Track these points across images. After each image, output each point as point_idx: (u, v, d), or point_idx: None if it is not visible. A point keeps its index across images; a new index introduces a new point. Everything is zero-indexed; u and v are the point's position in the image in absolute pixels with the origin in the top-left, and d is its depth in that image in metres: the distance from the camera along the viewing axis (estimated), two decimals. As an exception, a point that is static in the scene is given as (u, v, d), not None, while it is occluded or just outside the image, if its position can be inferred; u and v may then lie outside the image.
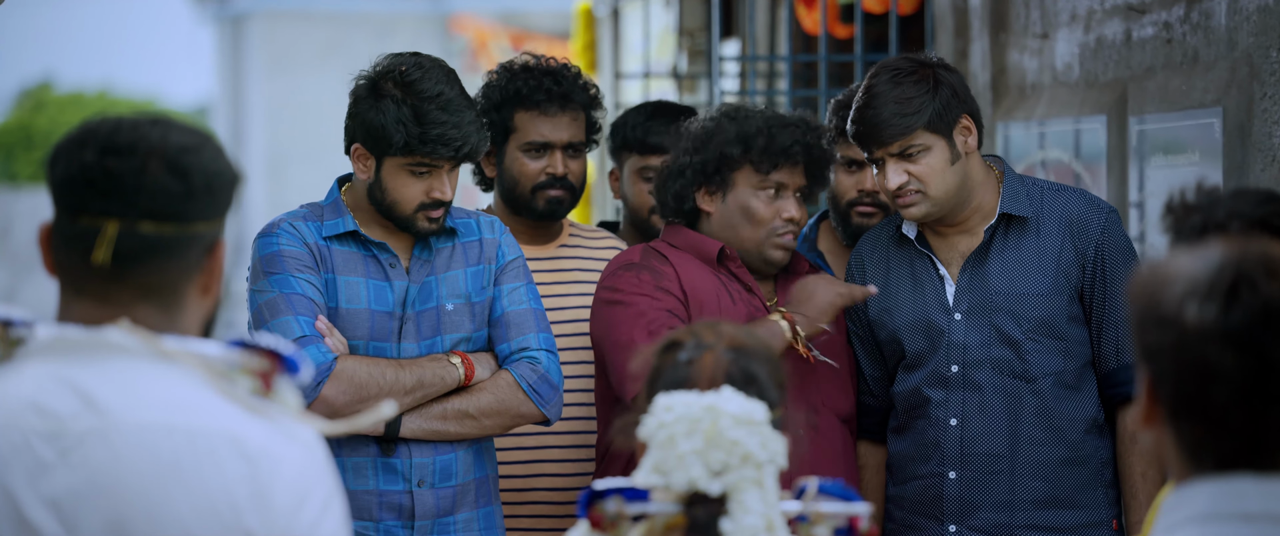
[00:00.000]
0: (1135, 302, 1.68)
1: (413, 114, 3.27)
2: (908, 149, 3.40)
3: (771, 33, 7.27)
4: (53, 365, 1.84)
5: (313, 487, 1.83)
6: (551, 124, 3.77)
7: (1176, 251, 1.72)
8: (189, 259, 1.89)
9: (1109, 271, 3.43)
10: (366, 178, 3.36)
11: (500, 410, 3.36)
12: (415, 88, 3.29)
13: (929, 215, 3.45)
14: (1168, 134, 4.10)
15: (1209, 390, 1.63)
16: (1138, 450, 3.41)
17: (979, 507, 3.45)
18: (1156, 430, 1.69)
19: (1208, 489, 1.65)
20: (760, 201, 3.46)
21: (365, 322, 3.34)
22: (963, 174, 3.44)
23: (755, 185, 3.46)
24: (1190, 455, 1.67)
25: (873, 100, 3.42)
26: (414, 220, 3.35)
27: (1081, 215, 3.44)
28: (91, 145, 1.87)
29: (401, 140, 3.27)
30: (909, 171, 3.41)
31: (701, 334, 2.30)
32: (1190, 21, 4.08)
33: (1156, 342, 1.65)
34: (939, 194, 3.42)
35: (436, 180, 3.33)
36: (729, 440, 2.10)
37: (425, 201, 3.33)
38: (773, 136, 3.44)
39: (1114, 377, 3.45)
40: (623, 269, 3.47)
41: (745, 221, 3.47)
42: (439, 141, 3.27)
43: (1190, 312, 1.63)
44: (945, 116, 3.41)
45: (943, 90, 3.41)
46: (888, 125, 3.39)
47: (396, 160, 3.32)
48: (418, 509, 3.35)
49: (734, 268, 3.49)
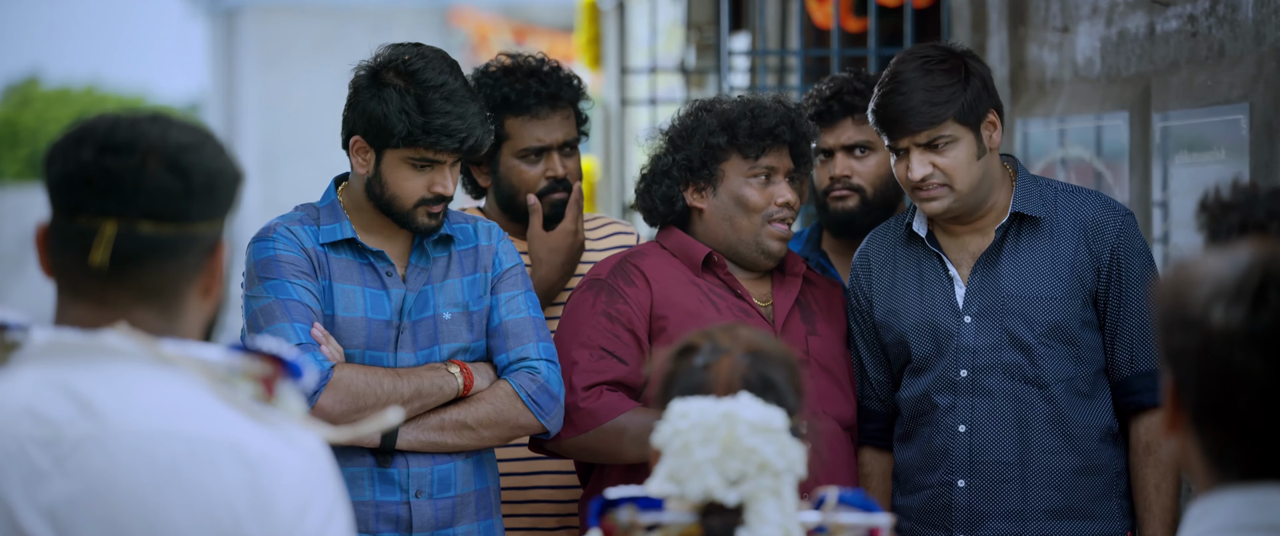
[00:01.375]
0: (1160, 304, 1.66)
1: (417, 103, 3.23)
2: (936, 139, 3.36)
3: (782, 26, 7.22)
4: (49, 370, 1.82)
5: (315, 496, 1.81)
6: (544, 126, 3.72)
7: (1204, 251, 1.67)
8: (189, 260, 1.87)
9: (1124, 276, 3.38)
10: (365, 172, 3.31)
11: (499, 420, 3.32)
12: (418, 77, 3.24)
13: (950, 210, 3.40)
14: (1192, 131, 4.07)
15: (1234, 396, 1.60)
16: (1152, 460, 3.37)
17: (989, 517, 3.41)
18: (1180, 437, 1.67)
19: (1233, 499, 1.63)
20: (752, 188, 3.44)
21: (361, 331, 3.30)
22: (986, 170, 3.41)
23: (745, 173, 3.44)
24: (1215, 463, 1.64)
25: (901, 87, 3.36)
26: (414, 216, 3.30)
27: (1097, 218, 3.40)
28: (89, 143, 1.85)
29: (404, 130, 3.23)
30: (935, 163, 3.36)
31: (718, 338, 2.28)
32: (1216, 14, 4.04)
33: (1181, 346, 1.63)
34: (964, 188, 3.38)
35: (438, 174, 3.28)
36: (746, 448, 2.08)
37: (426, 196, 3.28)
38: (756, 119, 3.42)
39: (1128, 386, 3.41)
40: (587, 287, 3.46)
41: (740, 211, 3.44)
42: (443, 132, 3.22)
43: (1216, 315, 1.60)
44: (976, 108, 3.37)
45: (974, 81, 3.38)
46: (917, 113, 3.34)
47: (398, 153, 3.26)
48: (416, 520, 3.31)
49: (722, 274, 3.46)
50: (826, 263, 3.89)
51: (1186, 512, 1.70)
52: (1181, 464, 1.69)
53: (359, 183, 3.34)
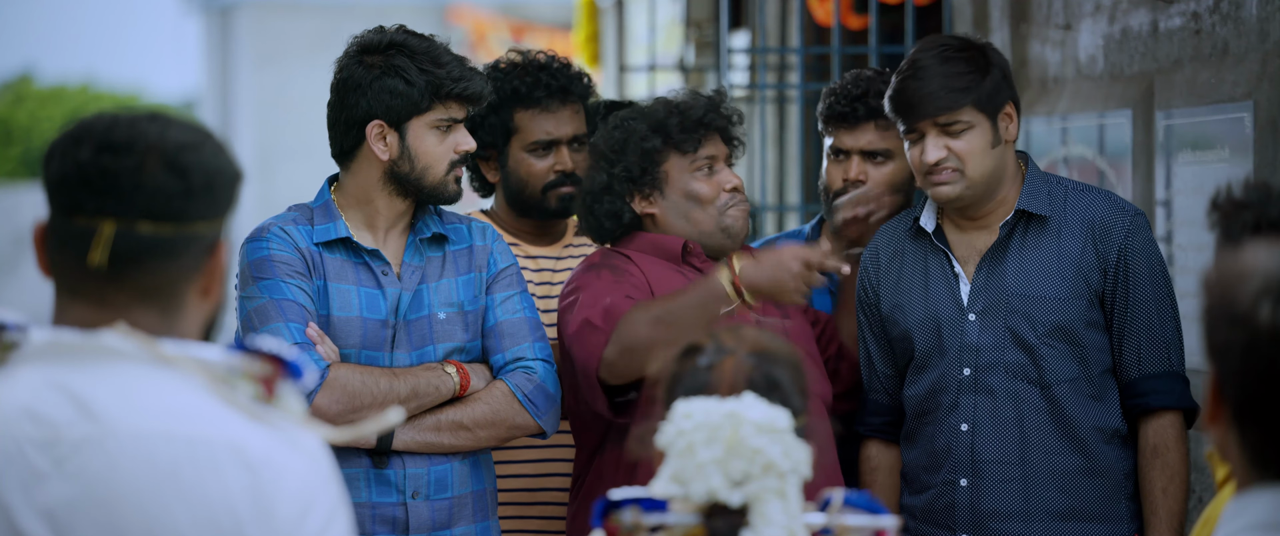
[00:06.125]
0: (1207, 297, 1.64)
1: (430, 62, 3.27)
2: (952, 124, 3.36)
3: (782, 24, 7.21)
4: (48, 370, 1.81)
5: (317, 498, 1.80)
6: (554, 119, 3.73)
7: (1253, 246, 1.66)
8: (188, 260, 1.86)
9: (1132, 277, 3.36)
10: (391, 155, 3.31)
11: (495, 421, 3.32)
12: (410, 46, 3.30)
13: (961, 198, 3.39)
14: (1196, 129, 4.06)
15: (1278, 394, 1.59)
16: (1160, 464, 3.35)
17: (992, 517, 3.39)
18: (1220, 431, 1.66)
19: (1269, 497, 1.62)
20: (699, 181, 3.44)
21: (357, 331, 3.28)
22: (1000, 161, 3.40)
23: (688, 168, 3.44)
24: (1254, 460, 1.63)
25: (920, 72, 3.37)
26: (446, 183, 3.32)
27: (1105, 218, 3.38)
28: (87, 143, 1.84)
29: (430, 90, 3.27)
30: (950, 147, 3.36)
31: (722, 338, 2.28)
32: (1220, 12, 4.02)
33: (1226, 341, 1.61)
34: (976, 175, 3.37)
35: (459, 133, 3.33)
36: (750, 448, 2.06)
37: (454, 158, 3.32)
38: (684, 114, 3.44)
39: (1135, 388, 3.39)
40: (584, 270, 3.45)
41: (694, 205, 3.45)
42: (464, 79, 3.28)
43: (1264, 312, 1.59)
44: (994, 98, 3.37)
45: (993, 71, 3.39)
46: (935, 97, 3.35)
47: (423, 119, 3.29)
48: (412, 521, 3.30)
49: (699, 263, 3.45)
50: None
51: (1223, 509, 1.69)
52: (1221, 456, 1.68)
53: (375, 172, 3.33)
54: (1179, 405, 3.38)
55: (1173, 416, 3.37)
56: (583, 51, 9.18)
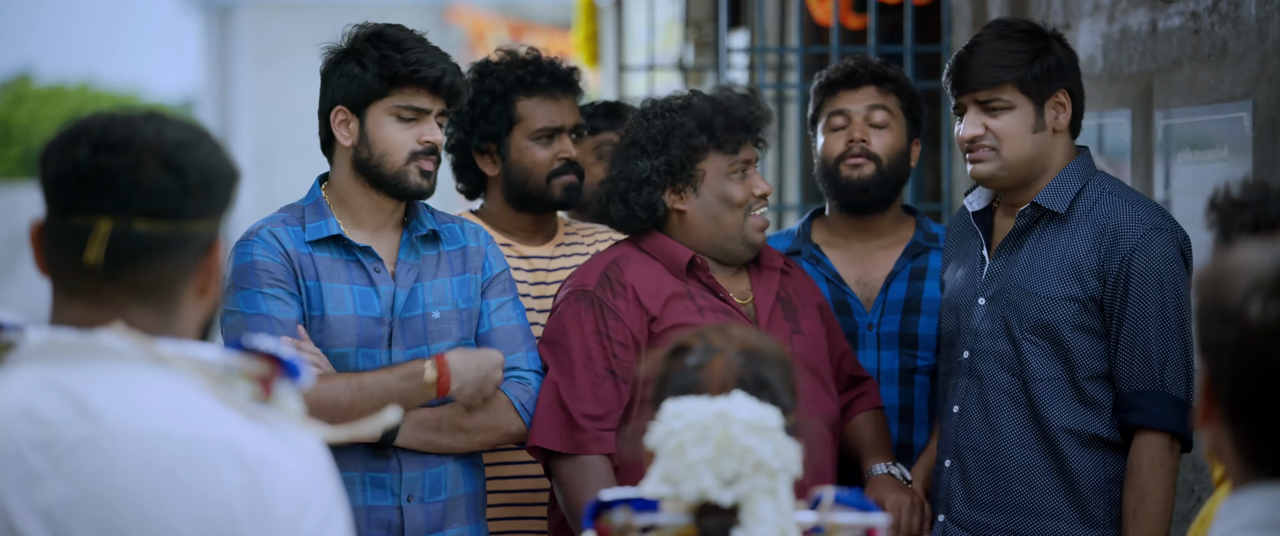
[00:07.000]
0: (1199, 295, 1.64)
1: (394, 48, 3.28)
2: (992, 101, 3.36)
3: (781, 23, 7.21)
4: (44, 370, 1.81)
5: (314, 497, 1.80)
6: (558, 108, 3.74)
7: (1244, 244, 1.66)
8: (185, 259, 1.86)
9: (1132, 289, 3.31)
10: (351, 141, 3.31)
11: (491, 426, 3.35)
12: (385, 35, 3.31)
13: (995, 177, 3.40)
14: (1195, 129, 4.05)
15: (1270, 391, 1.59)
16: (1132, 483, 3.31)
17: (966, 502, 3.41)
18: (1213, 430, 1.66)
19: (1264, 495, 1.62)
20: (734, 184, 3.44)
21: (353, 329, 3.29)
22: (1042, 148, 3.38)
23: (726, 170, 3.43)
24: (1248, 458, 1.63)
25: (975, 47, 3.40)
26: (406, 174, 3.29)
27: (1121, 225, 3.34)
28: (84, 141, 1.84)
29: (387, 75, 3.27)
30: (987, 125, 3.37)
31: (711, 338, 2.27)
32: (1218, 11, 4.02)
33: (1218, 338, 1.61)
34: (1011, 157, 3.37)
35: (425, 125, 3.30)
36: (741, 447, 2.06)
37: (417, 148, 3.29)
38: (729, 113, 3.43)
39: (1122, 403, 3.34)
40: (574, 297, 3.42)
41: (725, 207, 3.44)
42: (422, 64, 3.26)
43: (1254, 309, 1.59)
44: (1042, 82, 3.36)
45: (1049, 57, 3.37)
46: (978, 71, 3.36)
47: (382, 105, 3.28)
48: (407, 524, 3.30)
49: (704, 277, 3.44)
50: (820, 254, 3.82)
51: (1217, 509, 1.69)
52: (1216, 456, 1.68)
53: (345, 163, 3.33)
54: (1159, 426, 3.30)
55: (1152, 437, 3.30)
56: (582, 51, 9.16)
